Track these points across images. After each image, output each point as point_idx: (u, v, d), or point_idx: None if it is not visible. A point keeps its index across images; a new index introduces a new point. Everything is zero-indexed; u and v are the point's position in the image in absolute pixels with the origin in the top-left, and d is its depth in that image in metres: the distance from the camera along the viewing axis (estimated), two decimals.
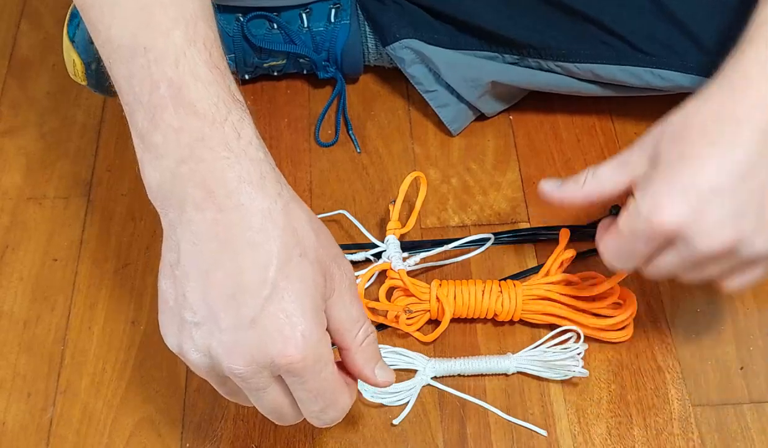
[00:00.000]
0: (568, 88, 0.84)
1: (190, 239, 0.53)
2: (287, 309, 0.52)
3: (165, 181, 0.53)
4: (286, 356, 0.52)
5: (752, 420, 0.70)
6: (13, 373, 0.73)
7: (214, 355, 0.53)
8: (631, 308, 0.73)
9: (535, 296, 0.74)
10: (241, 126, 0.54)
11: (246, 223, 0.52)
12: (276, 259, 0.52)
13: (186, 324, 0.54)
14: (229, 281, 0.52)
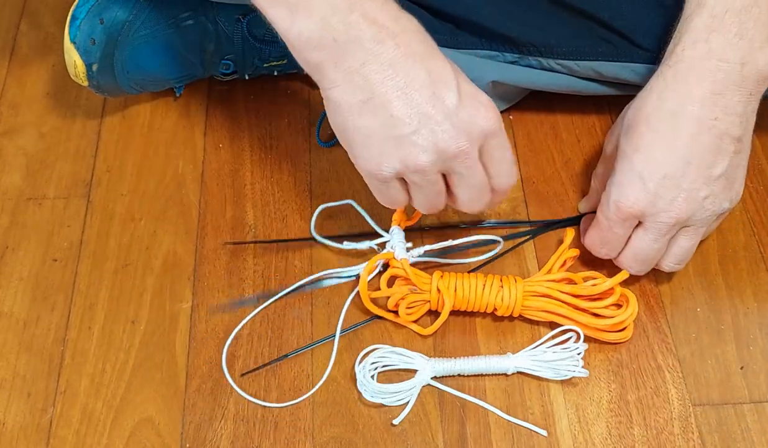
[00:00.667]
0: (568, 87, 0.84)
1: (380, 69, 0.62)
2: (471, 92, 0.65)
3: (339, 33, 0.62)
4: (490, 119, 0.65)
5: (752, 420, 0.70)
6: (12, 373, 0.73)
7: (441, 146, 0.63)
8: (632, 309, 0.72)
9: (536, 292, 0.74)
10: None
11: (418, 38, 0.64)
12: (448, 61, 0.65)
13: (403, 138, 0.63)
14: (426, 84, 0.63)
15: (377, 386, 0.71)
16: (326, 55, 0.62)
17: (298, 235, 0.80)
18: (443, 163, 0.65)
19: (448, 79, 0.64)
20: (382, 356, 0.72)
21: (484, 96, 0.65)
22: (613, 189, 0.71)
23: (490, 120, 0.65)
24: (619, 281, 0.73)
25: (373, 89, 0.63)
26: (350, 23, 0.62)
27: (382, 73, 0.62)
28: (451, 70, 0.64)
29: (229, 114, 0.91)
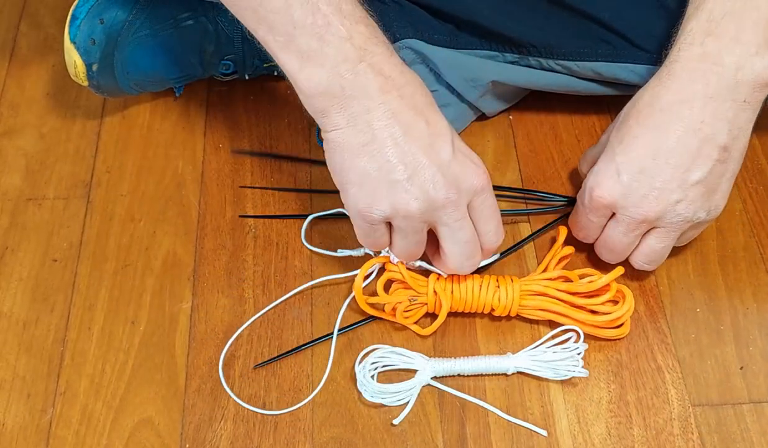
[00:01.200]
0: (568, 88, 0.84)
1: (384, 116, 0.65)
2: (463, 150, 0.69)
3: (346, 81, 0.64)
4: (479, 177, 0.68)
5: (752, 421, 0.70)
6: (12, 374, 0.73)
7: (432, 194, 0.66)
8: (628, 305, 0.73)
9: (533, 291, 0.74)
10: (377, 19, 0.68)
11: (419, 92, 0.67)
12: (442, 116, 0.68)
13: (397, 183, 0.66)
14: (423, 135, 0.66)
15: (377, 386, 0.71)
16: (333, 101, 0.65)
17: (298, 234, 0.80)
18: (432, 212, 0.67)
19: (445, 133, 0.67)
20: (382, 356, 0.72)
21: (475, 155, 0.69)
22: (591, 177, 0.72)
23: (480, 177, 0.68)
24: (615, 277, 0.73)
25: (375, 134, 0.65)
26: (358, 72, 0.64)
27: (384, 121, 0.65)
28: (447, 125, 0.68)
29: (229, 114, 0.91)
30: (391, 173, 0.65)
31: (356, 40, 0.64)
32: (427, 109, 0.67)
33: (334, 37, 0.64)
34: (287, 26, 0.64)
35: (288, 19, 0.64)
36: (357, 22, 0.65)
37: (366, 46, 0.65)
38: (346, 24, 0.64)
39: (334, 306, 0.76)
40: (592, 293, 0.73)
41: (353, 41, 0.64)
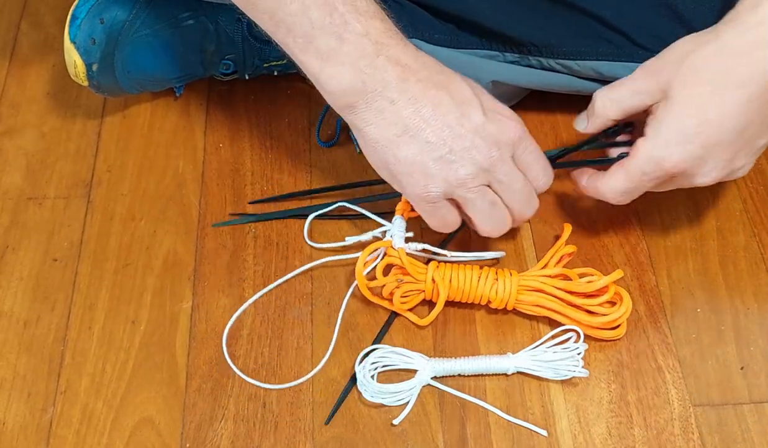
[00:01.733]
0: (568, 87, 0.84)
1: (408, 104, 0.67)
2: (494, 108, 0.70)
3: (367, 76, 0.66)
4: (516, 128, 0.70)
5: (752, 421, 0.70)
6: (13, 373, 0.73)
7: (477, 158, 0.68)
8: (626, 307, 0.73)
9: (531, 287, 0.74)
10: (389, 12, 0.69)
11: (434, 71, 0.68)
12: (467, 85, 0.69)
13: (441, 158, 0.67)
14: (452, 108, 0.67)
15: (377, 386, 0.71)
16: (357, 97, 0.67)
17: (298, 235, 0.80)
18: (483, 175, 0.68)
19: (471, 99, 0.68)
20: (383, 356, 0.72)
21: (506, 109, 0.71)
22: (657, 144, 0.69)
23: (515, 129, 0.70)
24: (614, 279, 0.73)
25: (406, 123, 0.67)
26: (377, 67, 0.66)
27: (411, 108, 0.67)
28: (471, 90, 0.69)
29: (229, 114, 0.91)
30: (434, 151, 0.67)
31: (372, 35, 0.66)
32: (447, 83, 0.68)
33: (351, 35, 0.65)
34: (306, 27, 0.65)
35: (306, 20, 0.65)
36: (372, 17, 0.66)
37: (382, 40, 0.66)
38: (362, 21, 0.66)
39: (335, 306, 0.76)
40: (590, 293, 0.73)
41: (370, 37, 0.66)
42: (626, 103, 0.72)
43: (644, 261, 0.79)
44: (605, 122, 0.74)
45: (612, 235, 0.81)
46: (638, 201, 0.82)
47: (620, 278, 0.73)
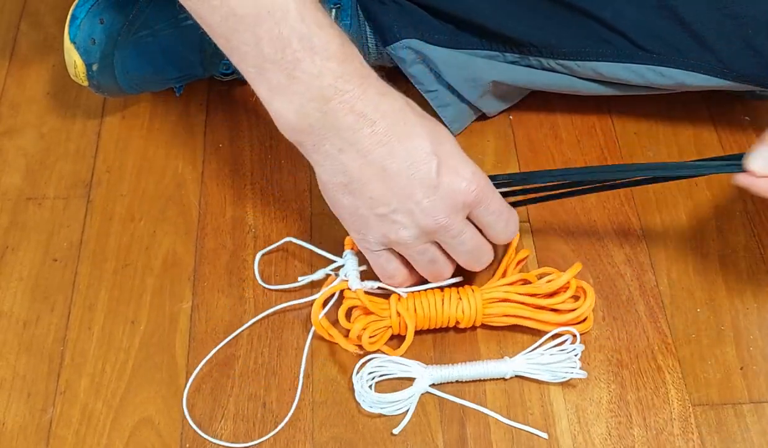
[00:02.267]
0: (569, 88, 0.84)
1: (357, 157, 0.64)
2: (453, 164, 0.66)
3: (315, 119, 0.63)
4: (471, 191, 0.66)
5: (752, 421, 0.70)
6: (12, 373, 0.73)
7: (421, 222, 0.66)
8: (590, 300, 0.73)
9: (494, 298, 0.73)
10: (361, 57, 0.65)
11: (395, 121, 0.64)
12: (427, 137, 0.65)
13: (384, 217, 0.66)
14: (403, 166, 0.64)
15: (375, 396, 0.70)
16: (304, 138, 0.65)
17: (297, 235, 0.80)
18: (426, 236, 0.67)
19: (427, 158, 0.65)
20: (380, 366, 0.72)
21: (468, 167, 0.66)
22: None
23: (471, 193, 0.66)
24: (574, 273, 0.73)
25: (351, 174, 0.65)
26: (327, 112, 0.63)
27: (359, 160, 0.64)
28: (431, 147, 0.65)
29: (229, 114, 0.91)
30: (376, 208, 0.66)
31: (326, 78, 0.62)
32: (407, 138, 0.65)
33: (303, 75, 0.62)
34: (257, 59, 0.63)
35: (258, 52, 0.62)
36: (329, 58, 0.62)
37: (337, 84, 0.63)
38: (317, 61, 0.62)
39: (335, 305, 0.76)
40: (553, 292, 0.73)
41: (323, 80, 0.62)
42: None
43: (644, 261, 0.79)
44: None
45: (612, 235, 0.81)
46: (638, 201, 0.83)
47: (619, 278, 0.73)
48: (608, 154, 0.86)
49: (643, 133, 0.88)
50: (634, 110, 0.88)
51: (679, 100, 0.87)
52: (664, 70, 0.79)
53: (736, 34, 0.77)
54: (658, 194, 0.83)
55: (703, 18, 0.78)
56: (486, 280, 0.76)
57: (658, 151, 0.86)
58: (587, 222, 0.82)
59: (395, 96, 0.66)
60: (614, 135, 0.88)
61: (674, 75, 0.79)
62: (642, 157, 0.86)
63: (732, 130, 0.88)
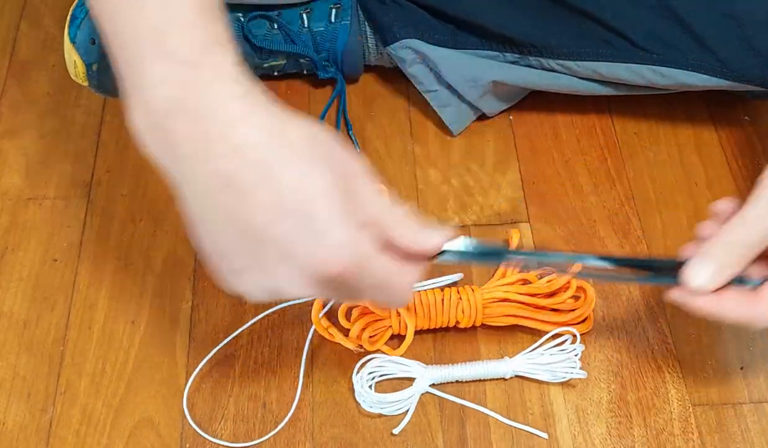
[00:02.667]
0: (569, 88, 0.84)
1: (203, 197, 0.52)
2: (315, 228, 0.51)
3: (157, 136, 0.52)
4: (332, 268, 0.51)
5: (752, 421, 0.70)
6: (12, 373, 0.73)
7: (272, 289, 0.53)
8: (590, 300, 0.73)
9: (494, 298, 0.73)
10: (225, 68, 0.52)
11: (248, 161, 0.51)
12: (287, 187, 0.51)
13: (234, 271, 0.54)
14: (253, 221, 0.51)
15: (375, 396, 0.70)
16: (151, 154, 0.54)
17: None
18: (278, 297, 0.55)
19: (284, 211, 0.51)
20: (379, 366, 0.72)
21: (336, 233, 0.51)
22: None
23: (333, 269, 0.52)
24: (574, 273, 0.72)
25: (200, 216, 0.53)
26: (167, 130, 0.52)
27: (204, 200, 0.52)
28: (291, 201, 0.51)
29: None
30: (224, 260, 0.54)
31: (168, 87, 0.51)
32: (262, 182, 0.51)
33: (148, 79, 0.51)
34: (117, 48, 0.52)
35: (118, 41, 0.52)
36: (178, 64, 0.51)
37: (179, 98, 0.51)
38: (165, 64, 0.51)
39: (335, 304, 0.76)
40: (552, 291, 0.73)
41: (165, 89, 0.51)
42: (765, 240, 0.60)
43: None
44: None
45: (612, 235, 0.81)
46: (638, 201, 0.83)
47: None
48: (608, 154, 0.86)
49: (643, 133, 0.88)
50: (634, 110, 0.88)
51: (679, 100, 0.87)
52: (664, 71, 0.79)
53: (736, 34, 0.77)
54: (658, 194, 0.83)
55: (703, 18, 0.78)
56: (486, 280, 0.76)
57: (658, 151, 0.86)
58: (587, 222, 0.82)
59: (262, 125, 0.52)
60: (614, 135, 0.88)
61: (674, 75, 0.79)
62: (642, 156, 0.86)
63: (732, 130, 0.88)
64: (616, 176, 0.85)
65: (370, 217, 0.53)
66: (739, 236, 0.60)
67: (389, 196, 0.73)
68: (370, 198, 0.54)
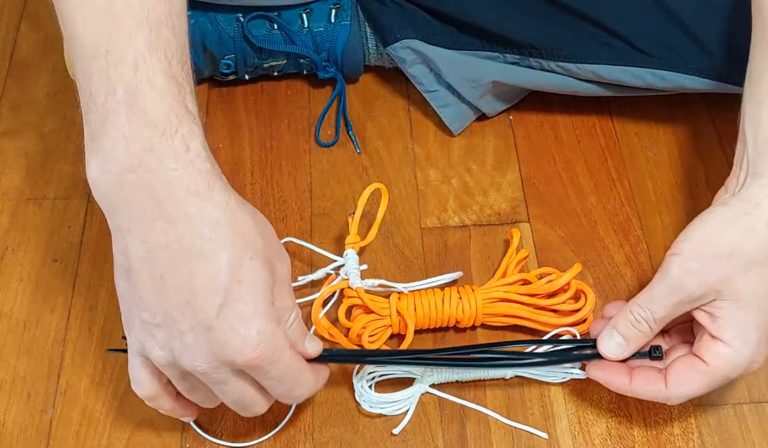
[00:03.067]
0: (568, 89, 0.84)
1: (141, 247, 0.55)
2: (241, 311, 0.56)
3: (112, 186, 0.55)
4: (245, 354, 0.56)
5: (752, 421, 0.70)
6: (12, 374, 0.73)
7: (176, 354, 0.57)
8: (590, 302, 0.73)
9: (494, 298, 0.73)
10: (191, 138, 0.55)
11: (195, 233, 0.55)
12: (227, 266, 0.55)
13: (146, 324, 0.57)
14: (184, 287, 0.55)
15: (375, 397, 0.70)
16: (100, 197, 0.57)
17: (298, 235, 0.80)
18: (178, 369, 0.59)
19: (212, 290, 0.55)
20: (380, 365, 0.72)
21: (253, 324, 0.56)
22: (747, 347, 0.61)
23: (243, 355, 0.56)
24: (574, 274, 0.73)
25: (131, 263, 0.56)
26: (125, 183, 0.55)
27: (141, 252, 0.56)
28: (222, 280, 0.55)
29: (229, 114, 0.91)
30: (143, 313, 0.57)
31: (135, 145, 0.54)
32: (199, 257, 0.55)
33: (115, 130, 0.54)
34: (86, 93, 0.56)
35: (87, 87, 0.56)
36: (146, 124, 0.54)
37: (143, 157, 0.54)
38: (133, 121, 0.54)
39: (335, 304, 0.76)
40: (552, 292, 0.73)
41: (131, 145, 0.54)
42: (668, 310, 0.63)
43: (644, 261, 0.79)
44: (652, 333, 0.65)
45: (612, 235, 0.81)
46: (638, 201, 0.83)
47: (618, 278, 0.73)
48: (608, 155, 0.86)
49: (643, 133, 0.88)
50: (634, 110, 0.88)
51: (679, 100, 0.87)
52: (664, 74, 0.79)
53: (736, 37, 0.76)
54: (658, 194, 0.83)
55: (703, 22, 0.78)
56: (486, 279, 0.76)
57: (658, 151, 0.86)
58: (587, 222, 0.82)
59: (216, 202, 0.56)
60: (614, 135, 0.88)
61: (674, 79, 0.79)
62: (642, 156, 0.86)
63: (732, 131, 0.87)
64: (616, 177, 0.85)
65: (278, 313, 0.59)
66: (644, 313, 0.64)
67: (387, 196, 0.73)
68: (283, 297, 0.60)
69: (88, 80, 0.55)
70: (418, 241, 0.80)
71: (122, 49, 0.55)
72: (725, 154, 0.86)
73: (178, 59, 0.57)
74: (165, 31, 0.56)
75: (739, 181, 0.63)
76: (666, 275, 0.62)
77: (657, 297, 0.63)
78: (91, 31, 0.56)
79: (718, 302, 0.62)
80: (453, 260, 0.79)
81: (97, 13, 0.56)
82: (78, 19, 0.56)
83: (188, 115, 0.56)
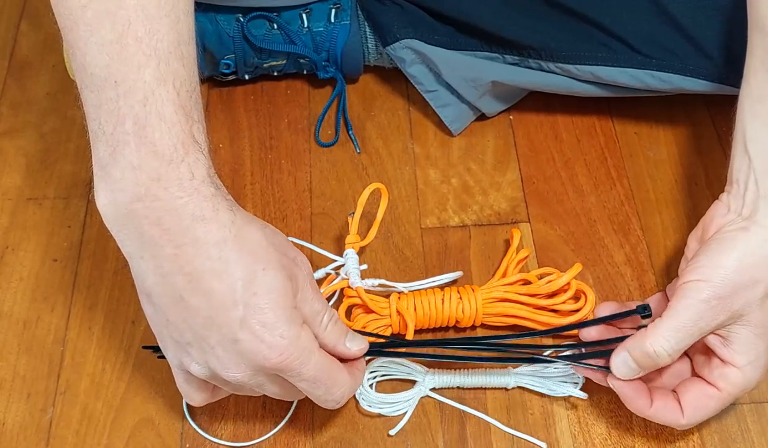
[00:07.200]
0: (568, 89, 0.84)
1: (155, 272, 0.57)
2: (262, 320, 0.57)
3: (120, 214, 0.57)
4: (271, 359, 0.58)
5: (752, 420, 0.70)
6: (12, 373, 0.73)
7: (212, 367, 0.59)
8: (590, 303, 0.73)
9: (494, 298, 0.73)
10: (196, 166, 0.57)
11: (204, 254, 0.57)
12: (240, 280, 0.57)
13: (178, 343, 0.59)
14: (204, 305, 0.57)
15: (376, 396, 0.70)
16: (111, 226, 0.58)
17: (298, 235, 0.80)
18: (215, 377, 0.61)
19: (230, 305, 0.57)
20: (382, 365, 0.72)
21: (275, 331, 0.57)
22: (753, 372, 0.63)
23: (271, 361, 0.58)
24: (574, 274, 0.73)
25: (151, 290, 0.58)
26: (132, 211, 0.56)
27: (157, 278, 0.58)
28: (238, 295, 0.57)
29: (229, 114, 0.91)
30: (173, 333, 0.59)
31: (143, 175, 0.56)
32: (212, 276, 0.57)
33: (124, 161, 0.56)
34: (95, 122, 0.57)
35: (96, 116, 0.57)
36: (154, 154, 0.55)
37: (151, 187, 0.56)
38: (141, 152, 0.55)
39: (335, 304, 0.76)
40: (552, 292, 0.73)
41: (139, 175, 0.56)
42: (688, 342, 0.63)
43: (644, 261, 0.79)
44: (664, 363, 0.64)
45: (612, 234, 0.81)
46: (638, 201, 0.83)
47: (618, 278, 0.73)
48: (608, 155, 0.86)
49: (643, 133, 0.88)
50: (634, 110, 0.88)
51: (679, 100, 0.87)
52: (663, 75, 0.79)
53: (734, 39, 0.76)
54: (658, 194, 0.83)
55: (702, 24, 0.78)
56: (486, 279, 0.76)
57: (658, 151, 0.86)
58: (587, 222, 0.82)
59: (222, 222, 0.57)
60: (614, 135, 0.88)
61: (672, 80, 0.79)
62: (642, 156, 0.86)
63: (732, 130, 0.88)
64: (616, 176, 0.85)
65: (308, 317, 0.60)
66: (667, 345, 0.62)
67: (387, 196, 0.73)
68: (309, 301, 0.61)
69: (97, 109, 0.57)
70: (418, 240, 0.80)
71: (132, 81, 0.56)
72: (725, 154, 0.86)
73: (187, 89, 0.58)
74: (174, 61, 0.57)
75: (746, 202, 0.63)
76: (696, 301, 0.61)
77: (684, 325, 0.62)
78: (101, 62, 0.56)
79: (733, 326, 0.62)
80: (453, 260, 0.79)
81: (106, 44, 0.56)
82: (88, 50, 0.57)
83: (194, 144, 0.57)
